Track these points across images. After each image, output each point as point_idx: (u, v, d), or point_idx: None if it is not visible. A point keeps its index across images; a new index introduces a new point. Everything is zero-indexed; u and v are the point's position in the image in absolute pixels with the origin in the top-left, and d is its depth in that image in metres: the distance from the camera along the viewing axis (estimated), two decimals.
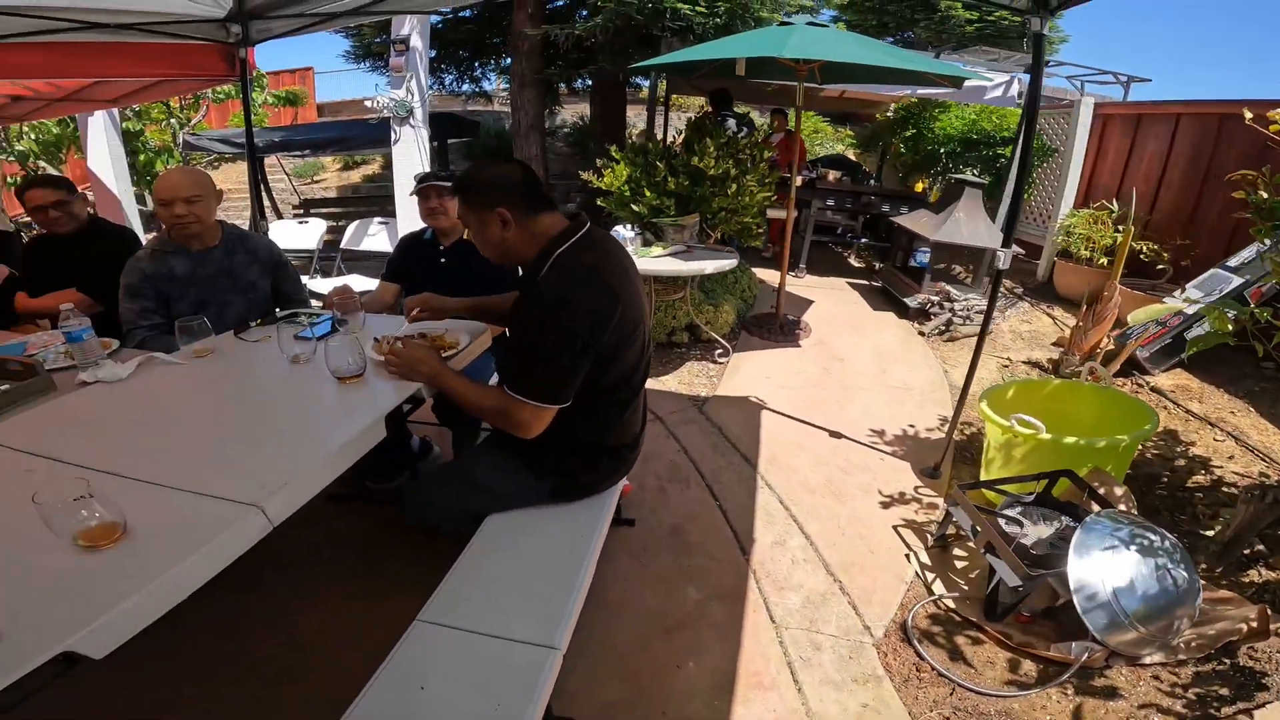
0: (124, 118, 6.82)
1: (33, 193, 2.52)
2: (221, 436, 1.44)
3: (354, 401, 1.60)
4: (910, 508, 2.61)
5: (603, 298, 1.49)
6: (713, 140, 3.54)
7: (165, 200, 2.12)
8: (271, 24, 2.94)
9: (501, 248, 1.56)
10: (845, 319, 5.08)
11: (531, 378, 1.52)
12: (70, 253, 2.62)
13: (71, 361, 1.83)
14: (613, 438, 1.78)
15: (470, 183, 1.56)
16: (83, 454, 1.30)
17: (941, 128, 6.69)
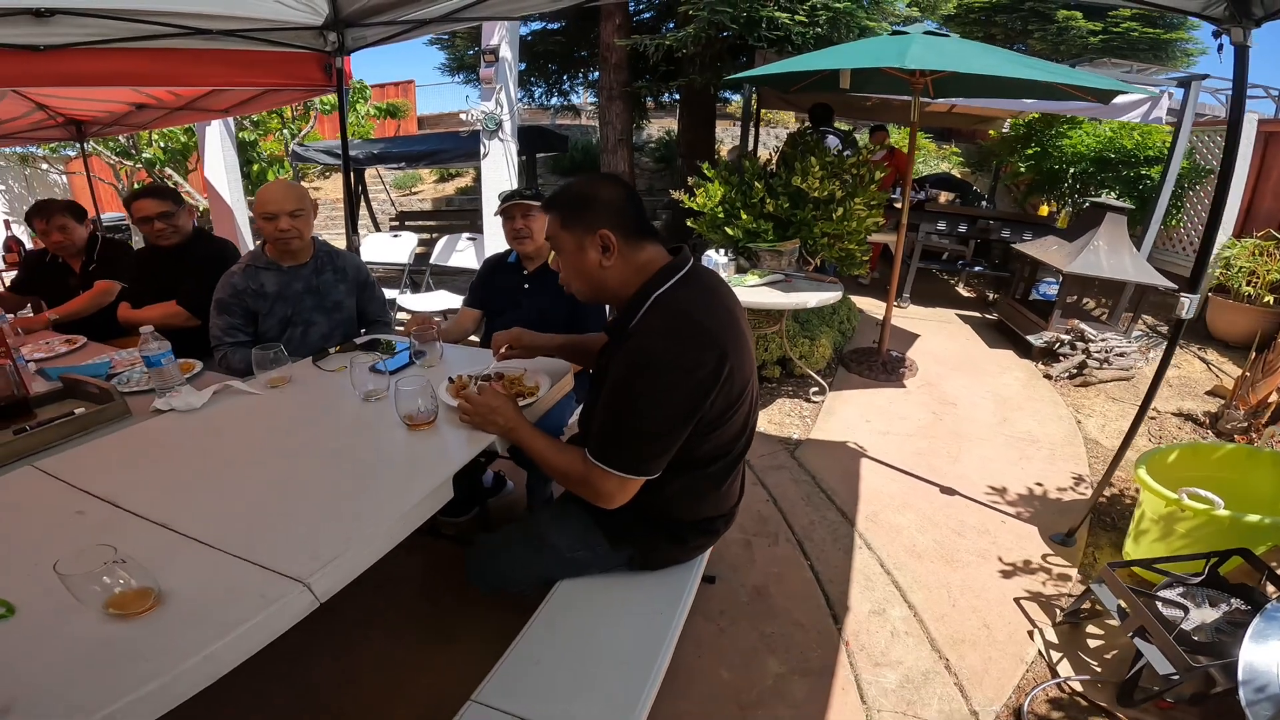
0: (240, 128, 7.22)
1: (140, 203, 2.56)
2: (282, 486, 1.34)
3: (422, 453, 1.47)
4: (1036, 578, 2.30)
5: (709, 356, 1.25)
6: (817, 158, 3.21)
7: (270, 214, 2.09)
8: (366, 32, 2.90)
9: (596, 280, 1.36)
10: (956, 356, 4.59)
11: (618, 445, 1.30)
12: (172, 265, 2.65)
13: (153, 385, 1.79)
14: (705, 510, 1.54)
15: (571, 197, 1.35)
16: (138, 498, 1.26)
17: (1070, 145, 6.03)
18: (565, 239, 1.35)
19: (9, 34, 2.10)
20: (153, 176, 7.49)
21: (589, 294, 1.40)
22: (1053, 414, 3.67)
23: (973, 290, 6.42)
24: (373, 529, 1.18)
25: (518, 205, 2.30)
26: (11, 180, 10.14)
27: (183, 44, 2.53)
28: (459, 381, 1.73)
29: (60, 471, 1.37)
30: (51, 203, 2.82)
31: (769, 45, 4.36)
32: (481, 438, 1.50)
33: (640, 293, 1.32)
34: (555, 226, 1.36)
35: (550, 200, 1.39)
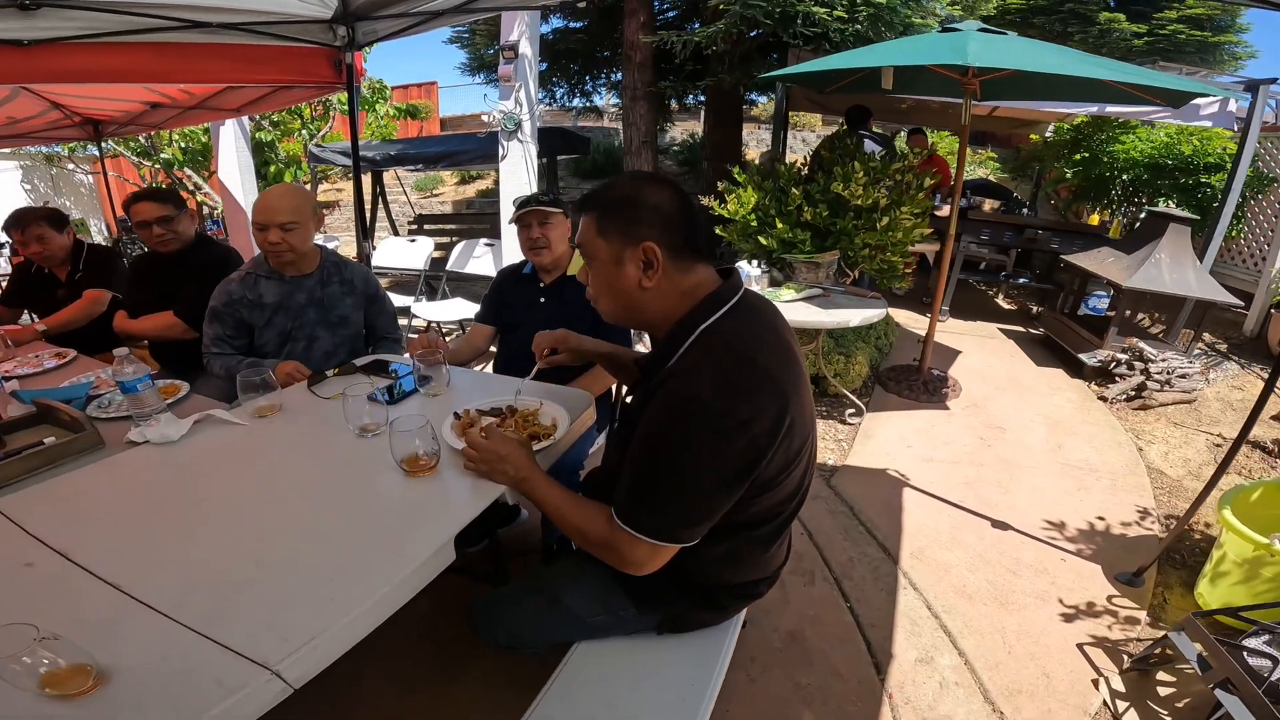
0: (259, 128, 7.13)
1: (139, 206, 2.39)
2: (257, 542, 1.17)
3: (420, 505, 1.28)
4: (1100, 622, 2.12)
5: (769, 406, 1.03)
6: (861, 164, 2.95)
7: (260, 224, 1.92)
8: (376, 25, 2.74)
9: (631, 302, 1.13)
10: (1002, 375, 4.30)
11: (650, 509, 1.08)
12: (172, 272, 2.49)
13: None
14: (748, 574, 1.32)
15: (613, 198, 1.12)
16: (94, 549, 1.13)
17: (1123, 151, 5.68)
18: (600, 247, 1.12)
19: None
20: (171, 178, 7.43)
21: (619, 316, 1.18)
22: (1111, 440, 3.40)
23: (1013, 302, 6.09)
24: (356, 605, 1.00)
25: (534, 212, 2.09)
26: (38, 180, 10.21)
27: (182, 38, 2.38)
28: (466, 418, 1.53)
29: (17, 513, 1.23)
30: (27, 212, 2.65)
31: (805, 43, 4.11)
32: (489, 488, 1.30)
33: (684, 324, 1.10)
34: (590, 231, 1.13)
35: (588, 199, 1.16)
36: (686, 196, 1.15)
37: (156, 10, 2.18)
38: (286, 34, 2.59)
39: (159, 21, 2.22)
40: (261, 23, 2.46)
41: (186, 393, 1.82)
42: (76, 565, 1.08)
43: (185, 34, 2.34)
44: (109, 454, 1.50)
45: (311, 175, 7.29)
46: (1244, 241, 5.60)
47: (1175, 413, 3.83)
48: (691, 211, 1.13)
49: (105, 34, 2.18)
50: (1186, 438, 3.50)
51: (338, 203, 10.97)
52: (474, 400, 1.66)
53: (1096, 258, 4.57)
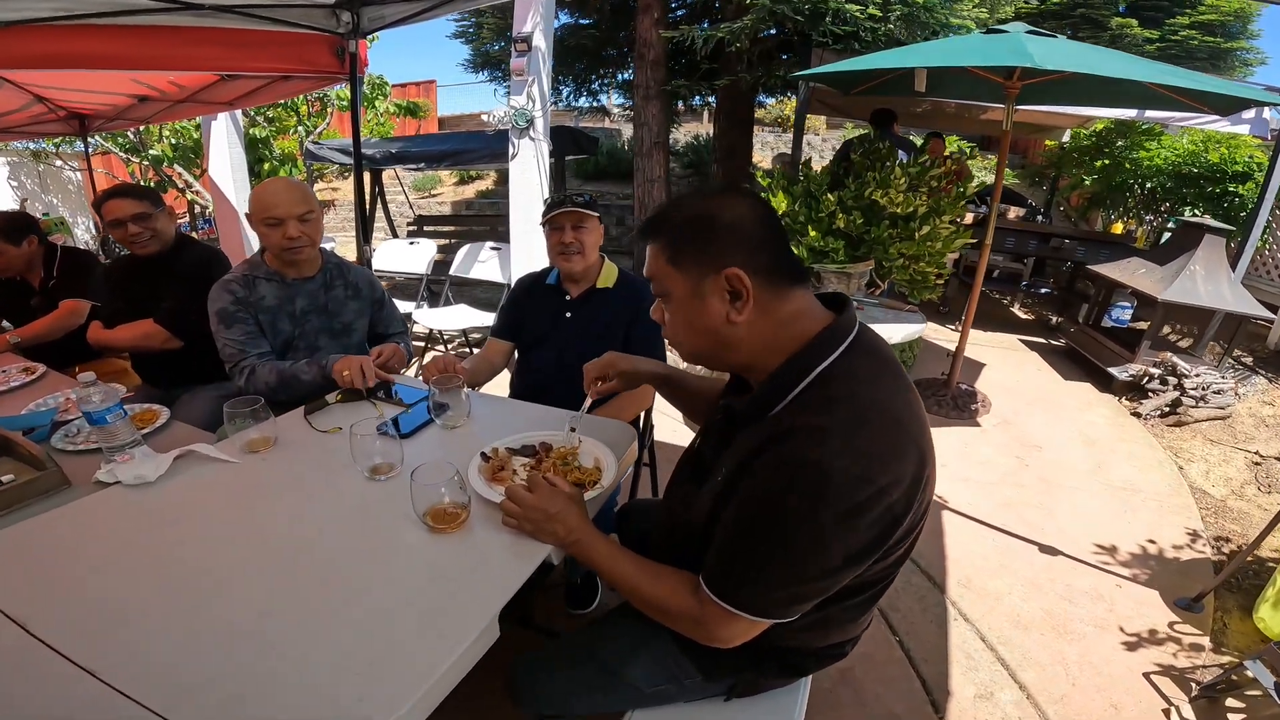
0: (253, 124, 6.89)
1: (111, 204, 2.13)
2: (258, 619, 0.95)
3: (452, 569, 1.06)
4: (1165, 649, 2.04)
5: (907, 468, 0.85)
6: (901, 169, 2.76)
7: (275, 219, 1.70)
8: (384, 10, 2.56)
9: (719, 340, 0.95)
10: (1031, 390, 4.15)
11: (757, 583, 0.89)
12: (152, 276, 2.24)
13: None
14: (835, 638, 1.15)
15: (684, 219, 0.94)
16: (56, 619, 0.95)
17: (1147, 158, 5.53)
18: (675, 280, 0.94)
19: None
20: (160, 175, 7.18)
21: (706, 358, 0.99)
22: (1151, 458, 3.30)
23: (1030, 312, 5.93)
24: (391, 710, 0.79)
25: (569, 214, 1.87)
26: (24, 176, 9.91)
27: (171, 21, 2.17)
28: (496, 458, 1.32)
29: None
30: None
31: (834, 41, 3.92)
32: (533, 548, 1.10)
33: (793, 364, 0.91)
34: (659, 261, 0.95)
35: (653, 224, 0.98)
36: (769, 209, 0.97)
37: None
38: (286, 18, 2.41)
39: (146, 2, 2.02)
40: (259, 4, 2.26)
41: (166, 420, 1.60)
42: (37, 640, 0.90)
43: (174, 16, 2.14)
44: (75, 495, 1.29)
45: (307, 173, 7.06)
46: (1269, 252, 5.46)
47: (1210, 429, 3.72)
48: (779, 227, 0.95)
49: (84, 15, 1.98)
50: (1225, 455, 3.41)
51: (333, 202, 10.73)
52: (499, 435, 1.45)
53: (1126, 268, 4.41)
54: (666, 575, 1.03)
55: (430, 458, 1.37)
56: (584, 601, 2.07)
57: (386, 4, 2.53)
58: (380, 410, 1.59)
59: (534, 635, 1.88)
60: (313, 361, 1.76)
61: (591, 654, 1.20)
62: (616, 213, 8.59)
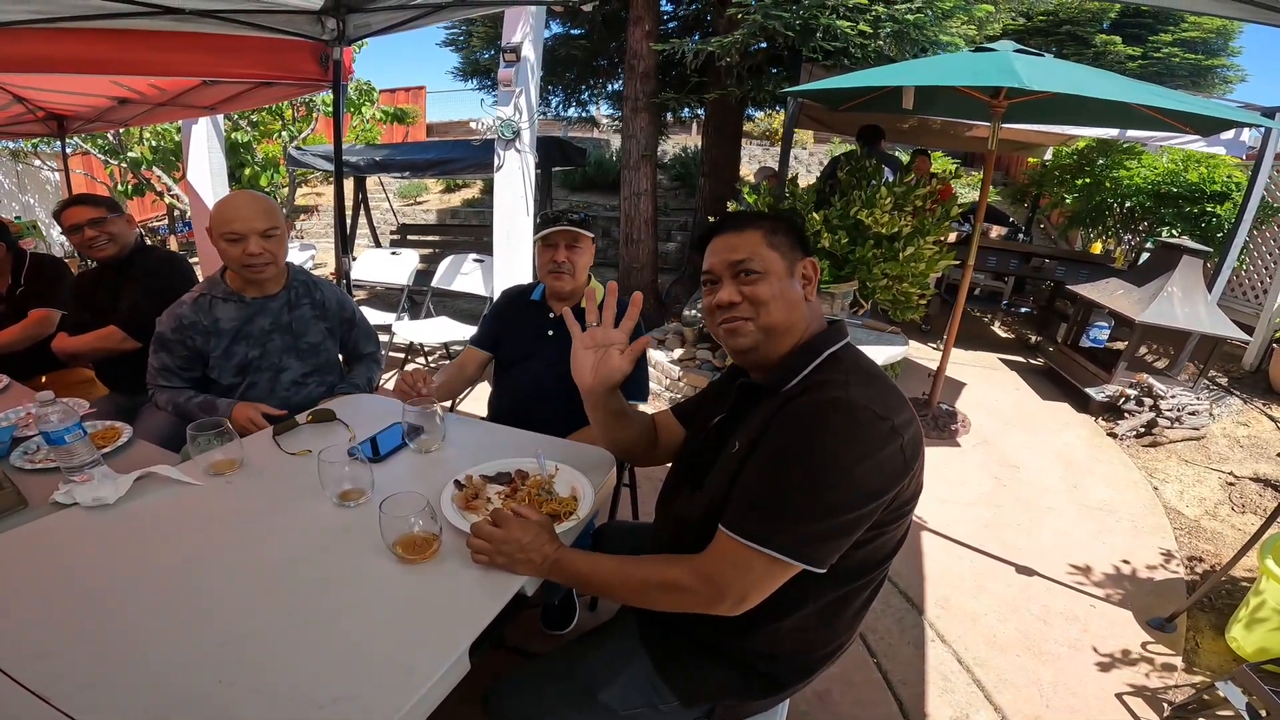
0: (235, 128, 6.79)
1: (69, 211, 2.15)
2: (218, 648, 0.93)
3: (422, 600, 1.05)
4: (1138, 670, 2.07)
5: (912, 420, 1.00)
6: (887, 189, 2.77)
7: (235, 234, 1.64)
8: (370, 18, 2.53)
9: (796, 315, 1.10)
10: (1010, 410, 4.19)
11: (785, 519, 0.94)
12: (111, 281, 2.23)
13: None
14: (820, 645, 1.16)
15: (779, 214, 1.19)
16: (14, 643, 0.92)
17: (1127, 177, 5.61)
18: (775, 260, 1.10)
19: None
20: (139, 177, 7.06)
21: (779, 330, 1.09)
22: (1126, 479, 3.35)
23: (1011, 331, 5.98)
24: None
25: (564, 232, 1.84)
26: (1, 176, 9.71)
27: (151, 26, 2.13)
28: (470, 486, 1.29)
29: None
30: None
31: (824, 57, 3.94)
32: (506, 579, 1.08)
33: (812, 344, 1.09)
34: (762, 244, 1.10)
35: (749, 216, 1.15)
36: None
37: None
38: (269, 24, 2.36)
39: (125, 6, 1.96)
40: (242, 10, 2.22)
41: (128, 439, 1.54)
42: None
43: (155, 20, 2.10)
44: (32, 516, 1.25)
45: (289, 179, 6.97)
46: (1245, 274, 5.56)
47: (1185, 450, 3.79)
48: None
49: (62, 19, 1.93)
50: (1199, 476, 3.47)
51: (317, 208, 10.62)
52: (474, 460, 1.42)
53: (1105, 289, 4.46)
54: (655, 558, 1.07)
55: (403, 483, 1.35)
56: (561, 622, 2.04)
57: (373, 11, 2.49)
58: (352, 433, 1.55)
59: (511, 656, 1.85)
60: (210, 405, 1.74)
61: (569, 674, 1.18)
62: (603, 224, 8.58)
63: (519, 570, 1.08)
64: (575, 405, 1.89)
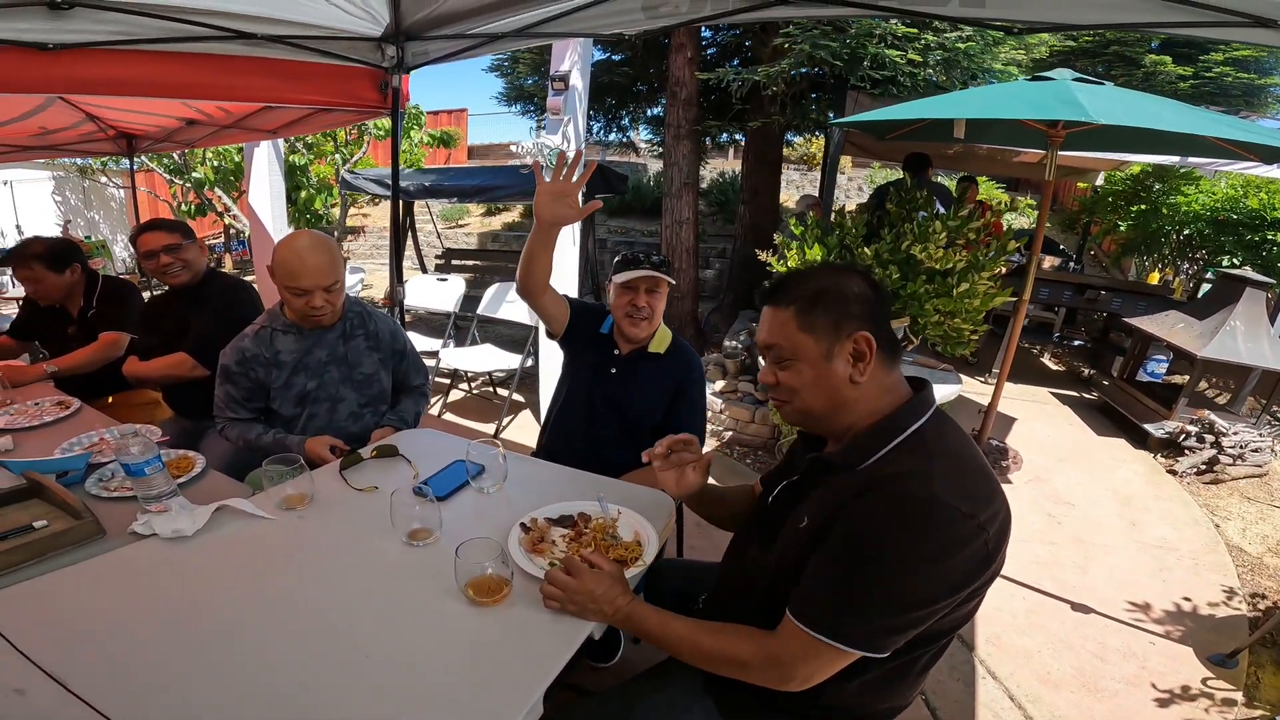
0: (292, 149, 7.02)
1: (146, 236, 2.22)
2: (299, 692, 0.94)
3: (495, 644, 1.05)
4: (1197, 705, 2.05)
5: (1001, 509, 0.95)
6: (941, 222, 2.72)
7: (300, 289, 1.67)
8: (429, 46, 2.57)
9: (839, 399, 1.03)
10: (1063, 446, 4.09)
11: (861, 613, 0.94)
12: (182, 307, 2.29)
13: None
14: (888, 702, 1.14)
15: (816, 289, 1.04)
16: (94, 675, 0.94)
17: (1184, 203, 5.43)
18: (806, 344, 1.03)
19: (15, 28, 1.77)
20: (201, 197, 7.33)
21: (819, 416, 1.06)
22: (1186, 516, 3.28)
23: (1061, 363, 5.81)
24: None
25: (649, 278, 1.81)
26: (69, 192, 10.19)
27: (224, 50, 2.20)
28: (536, 529, 1.29)
29: (1, 619, 1.04)
30: (24, 248, 2.41)
31: (872, 85, 3.92)
32: (576, 625, 1.09)
33: (888, 423, 1.01)
34: (790, 326, 1.04)
35: (781, 292, 1.07)
36: (882, 287, 1.09)
37: (199, 17, 1.99)
38: (333, 50, 2.42)
39: (200, 30, 2.04)
40: (308, 36, 2.29)
41: (202, 469, 1.58)
42: (75, 697, 0.89)
43: (227, 45, 2.17)
44: (110, 546, 1.28)
45: (341, 201, 7.17)
46: None
47: (1247, 486, 3.71)
48: (890, 303, 1.10)
49: (141, 40, 2.00)
50: (1261, 513, 3.40)
51: (363, 228, 10.88)
52: (531, 498, 1.43)
53: (1164, 322, 4.32)
54: (726, 629, 1.05)
55: (466, 522, 1.36)
56: (606, 654, 2.02)
57: (431, 40, 2.53)
58: (415, 469, 1.56)
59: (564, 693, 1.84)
60: (283, 444, 1.76)
61: (628, 715, 1.17)
62: (641, 250, 8.58)
63: (589, 618, 1.09)
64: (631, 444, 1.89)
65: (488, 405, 4.42)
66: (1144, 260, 6.19)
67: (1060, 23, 1.75)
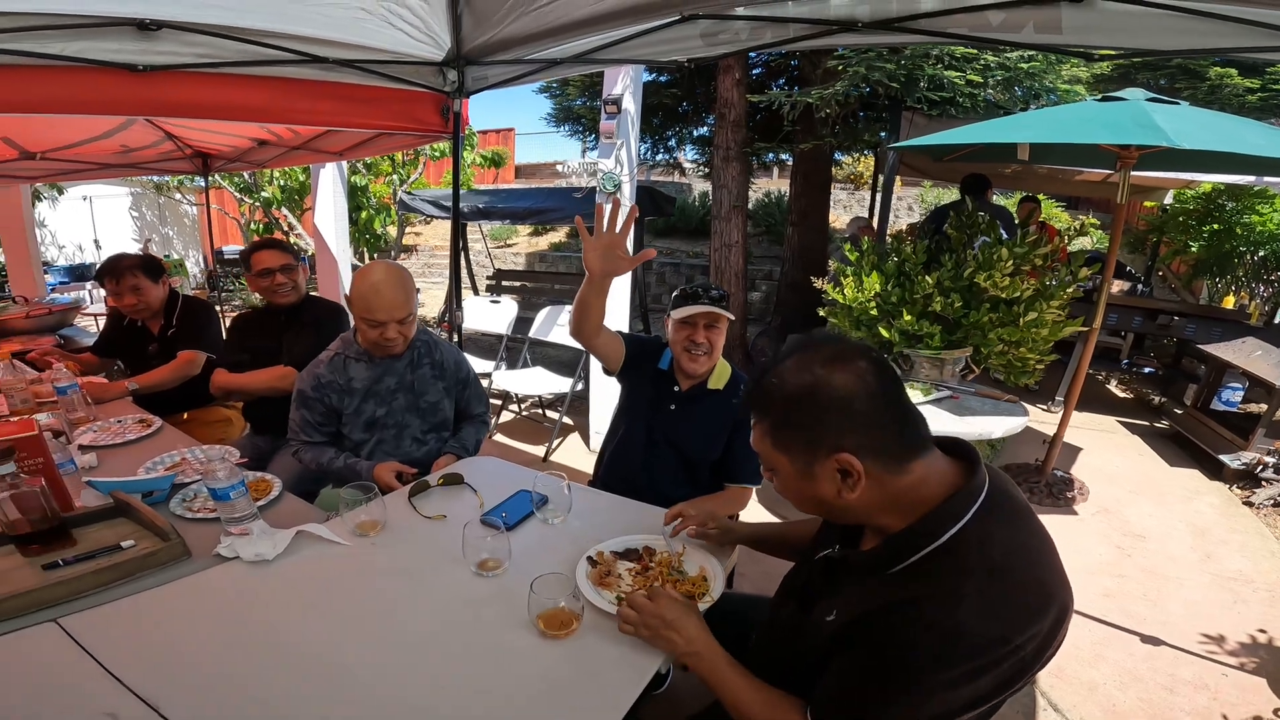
0: (354, 170, 7.25)
1: (262, 255, 2.33)
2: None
3: (566, 678, 1.06)
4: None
5: (1043, 623, 0.84)
6: (1008, 249, 2.63)
7: (377, 320, 1.74)
8: (488, 71, 2.63)
9: (828, 509, 0.96)
10: (1133, 476, 3.92)
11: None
12: (281, 325, 2.40)
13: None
14: None
15: (786, 395, 0.91)
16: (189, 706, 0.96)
17: (1259, 223, 5.15)
18: (780, 461, 0.94)
19: (107, 49, 1.86)
20: (268, 216, 7.65)
21: (822, 515, 1.05)
22: (1263, 549, 3.16)
23: (1129, 391, 5.54)
24: None
25: (707, 313, 1.78)
26: (145, 208, 10.77)
27: (299, 74, 2.29)
28: (602, 563, 1.29)
29: (92, 640, 1.07)
30: (122, 259, 2.54)
31: (929, 106, 3.85)
32: (644, 660, 1.09)
33: (917, 530, 0.88)
34: (764, 443, 0.95)
35: (755, 397, 0.96)
36: (885, 375, 0.90)
37: (276, 40, 2.09)
38: (398, 75, 2.50)
39: (279, 54, 2.13)
40: (375, 61, 2.38)
41: (279, 493, 1.63)
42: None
43: (302, 69, 2.26)
44: (194, 567, 1.32)
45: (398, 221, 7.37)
46: None
47: None
48: (897, 396, 0.90)
49: (224, 64, 2.09)
50: None
51: (416, 247, 11.17)
52: (594, 530, 1.44)
53: (1241, 350, 4.09)
54: (770, 698, 1.00)
55: (533, 554, 1.37)
56: (656, 682, 1.99)
57: (490, 65, 2.59)
58: (481, 499, 1.59)
59: None
60: (353, 470, 1.82)
61: None
62: (686, 271, 8.59)
63: (660, 645, 1.08)
64: (690, 479, 1.88)
65: (537, 427, 4.45)
66: (1216, 282, 5.87)
67: (1141, 48, 1.69)
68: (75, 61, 1.84)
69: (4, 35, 1.71)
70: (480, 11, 2.32)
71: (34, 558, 1.32)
